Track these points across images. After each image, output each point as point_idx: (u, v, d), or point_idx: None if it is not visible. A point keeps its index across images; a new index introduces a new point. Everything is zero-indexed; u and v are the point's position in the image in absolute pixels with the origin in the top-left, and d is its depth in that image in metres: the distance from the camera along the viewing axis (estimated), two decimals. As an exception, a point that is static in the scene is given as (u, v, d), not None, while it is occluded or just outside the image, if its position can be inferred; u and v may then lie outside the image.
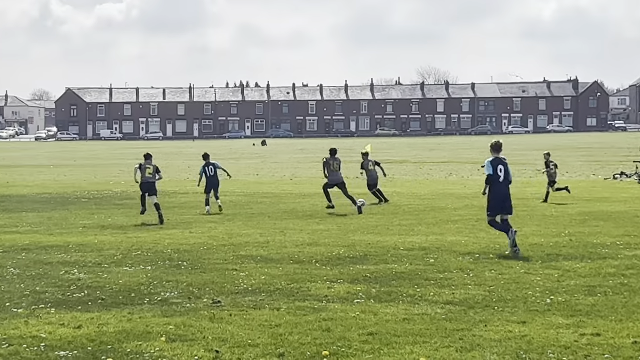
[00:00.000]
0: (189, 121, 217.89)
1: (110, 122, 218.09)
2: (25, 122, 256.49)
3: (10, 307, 13.23)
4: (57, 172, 67.37)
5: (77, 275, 16.46)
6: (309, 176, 58.98)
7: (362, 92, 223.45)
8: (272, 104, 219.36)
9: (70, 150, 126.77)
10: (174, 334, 11.35)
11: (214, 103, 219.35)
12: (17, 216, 29.76)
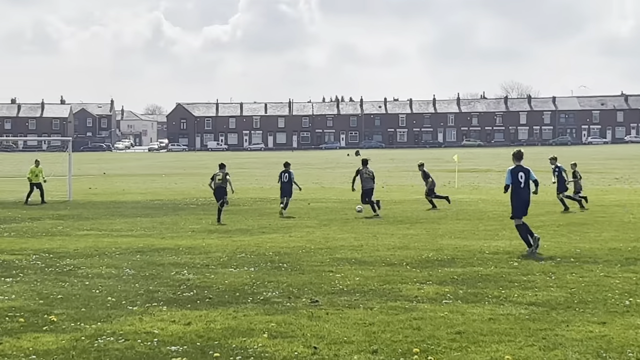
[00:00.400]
0: (288, 133, 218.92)
1: (217, 134, 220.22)
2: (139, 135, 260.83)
3: (126, 305, 13.41)
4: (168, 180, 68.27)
5: (186, 275, 16.62)
6: (399, 184, 58.76)
7: (449, 106, 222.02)
8: (365, 117, 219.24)
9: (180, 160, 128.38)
10: (276, 331, 11.37)
11: (312, 116, 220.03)
12: (132, 221, 30.21)
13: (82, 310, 12.89)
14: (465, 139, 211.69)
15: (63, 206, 38.34)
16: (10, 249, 21.23)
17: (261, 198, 40.55)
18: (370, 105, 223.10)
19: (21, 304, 13.52)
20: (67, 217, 32.11)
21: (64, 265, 18.18)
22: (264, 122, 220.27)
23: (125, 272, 17.09)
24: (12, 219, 30.91)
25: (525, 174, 19.83)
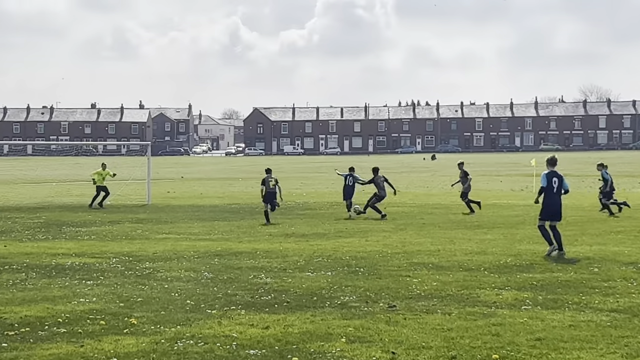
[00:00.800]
0: (364, 137, 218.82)
1: (293, 138, 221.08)
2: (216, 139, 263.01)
3: (205, 309, 13.50)
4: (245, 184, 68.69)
5: (264, 279, 16.69)
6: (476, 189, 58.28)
7: (527, 110, 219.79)
8: (442, 121, 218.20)
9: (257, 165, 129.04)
10: (354, 335, 11.35)
11: (388, 121, 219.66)
12: (210, 225, 30.45)
13: (162, 314, 13.02)
14: (543, 143, 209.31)
15: (142, 210, 38.81)
16: (91, 252, 21.56)
17: (337, 202, 40.53)
18: (447, 109, 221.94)
19: (102, 306, 13.70)
20: (146, 220, 32.50)
21: (144, 269, 18.39)
22: (340, 127, 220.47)
23: (204, 276, 17.22)
24: (93, 223, 31.39)
25: (559, 180, 20.28)
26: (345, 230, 27.70)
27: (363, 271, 17.70)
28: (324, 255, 20.48)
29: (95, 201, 40.55)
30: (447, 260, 19.44)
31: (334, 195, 47.31)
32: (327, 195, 49.72)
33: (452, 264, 18.66)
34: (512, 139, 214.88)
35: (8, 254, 21.17)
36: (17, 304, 13.97)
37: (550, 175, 20.30)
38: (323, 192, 54.93)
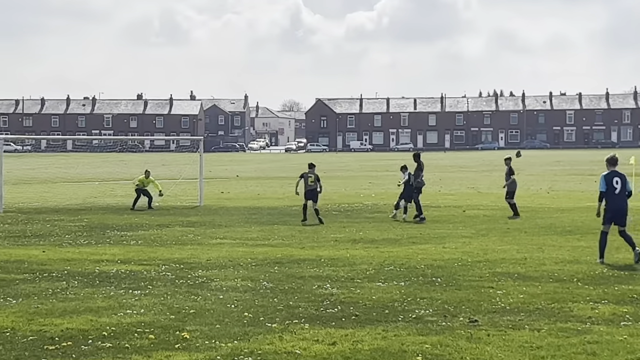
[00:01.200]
0: (440, 132, 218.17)
1: (360, 133, 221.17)
2: (275, 134, 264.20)
3: (265, 322, 13.56)
4: (307, 184, 68.83)
5: (329, 290, 16.72)
6: (567, 190, 57.84)
7: (625, 101, 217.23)
8: (528, 113, 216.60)
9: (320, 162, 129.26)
10: (431, 353, 11.33)
11: (467, 113, 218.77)
12: (269, 229, 30.59)
13: (217, 327, 13.12)
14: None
15: (194, 212, 39.14)
16: (138, 259, 21.80)
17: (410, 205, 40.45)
18: (533, 100, 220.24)
19: (151, 319, 13.84)
20: (198, 224, 32.77)
21: (196, 277, 18.54)
22: (413, 120, 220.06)
23: (263, 285, 17.30)
24: (140, 226, 31.73)
25: (621, 180, 20.41)
26: (420, 235, 27.64)
27: (440, 281, 17.66)
28: (396, 264, 20.47)
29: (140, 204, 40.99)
30: (534, 269, 19.31)
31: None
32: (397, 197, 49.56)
33: (541, 274, 18.54)
34: (607, 134, 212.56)
35: (47, 260, 21.49)
36: (57, 315, 14.17)
37: (610, 177, 20.41)
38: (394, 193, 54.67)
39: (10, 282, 17.95)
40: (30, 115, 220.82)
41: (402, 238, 26.98)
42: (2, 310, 14.61)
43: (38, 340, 12.28)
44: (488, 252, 22.84)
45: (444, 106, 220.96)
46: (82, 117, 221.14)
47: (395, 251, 23.21)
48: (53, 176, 77.49)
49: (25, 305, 15.19)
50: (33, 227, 31.40)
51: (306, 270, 19.60)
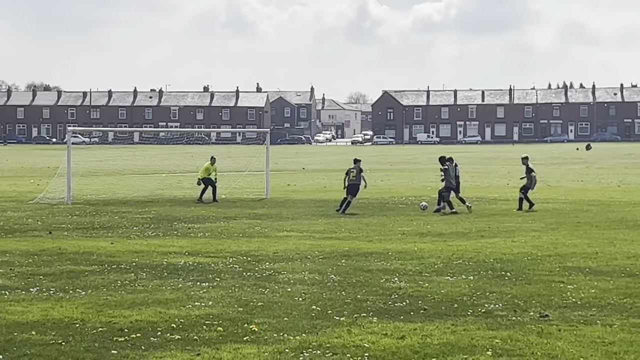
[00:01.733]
0: (508, 124, 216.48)
1: (427, 125, 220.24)
2: (341, 126, 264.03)
3: (333, 315, 13.60)
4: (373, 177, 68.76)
5: (397, 283, 16.72)
6: (639, 183, 57.13)
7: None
8: (598, 105, 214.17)
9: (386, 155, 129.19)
10: (501, 348, 11.28)
11: (535, 105, 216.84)
12: (335, 222, 30.62)
13: (285, 320, 13.18)
14: None
15: (260, 204, 39.29)
16: (206, 251, 21.94)
17: (478, 197, 40.31)
18: (604, 92, 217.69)
19: (219, 311, 13.94)
20: (264, 216, 32.89)
21: (264, 270, 18.64)
22: (481, 112, 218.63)
23: (330, 279, 17.35)
24: (207, 218, 31.93)
25: None
26: (488, 229, 27.51)
27: (510, 276, 17.58)
28: (464, 257, 20.41)
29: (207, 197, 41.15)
30: (606, 264, 19.15)
31: (474, 190, 47.03)
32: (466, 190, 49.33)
33: (613, 269, 18.38)
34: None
35: (115, 252, 21.73)
36: (126, 307, 14.33)
37: None
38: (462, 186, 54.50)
39: (79, 273, 18.18)
40: (97, 107, 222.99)
41: (471, 232, 26.86)
42: (72, 302, 14.81)
43: (107, 332, 12.43)
44: (558, 246, 22.68)
45: (513, 98, 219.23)
46: (149, 109, 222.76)
47: (464, 245, 23.13)
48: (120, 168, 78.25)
49: (94, 296, 15.38)
50: (101, 219, 31.73)
51: (374, 263, 19.62)
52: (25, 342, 11.84)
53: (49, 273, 18.21)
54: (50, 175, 50.57)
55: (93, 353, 11.20)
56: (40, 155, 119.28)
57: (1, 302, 14.88)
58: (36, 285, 16.68)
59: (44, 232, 26.97)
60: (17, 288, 16.34)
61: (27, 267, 19.16)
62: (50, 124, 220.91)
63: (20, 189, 50.64)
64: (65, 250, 22.10)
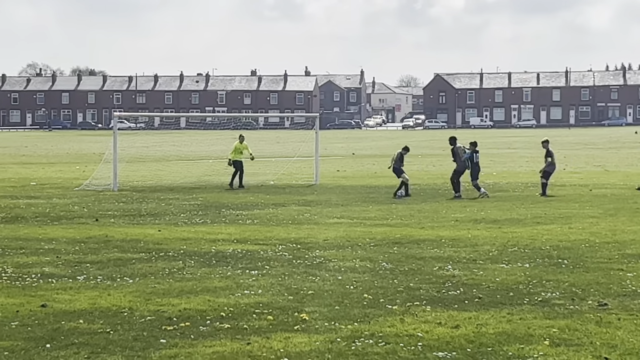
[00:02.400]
0: (564, 107, 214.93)
1: (481, 109, 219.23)
2: (392, 110, 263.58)
3: (385, 304, 13.61)
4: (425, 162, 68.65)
5: (451, 271, 16.70)
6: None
7: None
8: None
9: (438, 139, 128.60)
10: (558, 337, 11.24)
11: (593, 88, 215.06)
12: (386, 208, 30.59)
13: (336, 309, 13.21)
14: None
15: (309, 190, 39.33)
16: (255, 239, 22.02)
17: (534, 183, 40.04)
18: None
19: (269, 299, 14.00)
20: (314, 203, 32.92)
21: (314, 257, 18.68)
22: (536, 95, 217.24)
23: (382, 266, 17.36)
24: (255, 205, 32.01)
25: None
26: (544, 215, 27.36)
27: (567, 263, 17.49)
28: (520, 245, 20.33)
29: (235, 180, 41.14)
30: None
31: (529, 175, 46.73)
32: (521, 175, 49.17)
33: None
34: None
35: (163, 240, 21.86)
36: (175, 295, 14.43)
37: None
38: (516, 171, 54.36)
39: (126, 261, 18.32)
40: (143, 92, 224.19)
41: (526, 218, 26.73)
42: (119, 290, 14.94)
43: (156, 321, 12.52)
44: (617, 232, 22.52)
45: (569, 80, 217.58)
46: (195, 94, 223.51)
47: (519, 232, 23.01)
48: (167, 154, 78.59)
49: (142, 284, 15.50)
50: (148, 206, 31.92)
51: (426, 251, 19.60)
52: (73, 330, 11.97)
53: (95, 261, 18.38)
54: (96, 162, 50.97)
55: (142, 342, 11.30)
56: (85, 141, 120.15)
57: (48, 290, 15.04)
58: (83, 273, 16.84)
59: (90, 219, 27.20)
60: (64, 276, 16.51)
61: (73, 254, 19.35)
62: (96, 109, 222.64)
63: (66, 176, 51.06)
64: (112, 237, 22.28)
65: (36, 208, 30.96)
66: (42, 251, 19.82)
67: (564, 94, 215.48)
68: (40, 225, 25.48)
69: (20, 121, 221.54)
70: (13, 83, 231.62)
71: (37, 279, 16.13)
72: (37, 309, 13.37)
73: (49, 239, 22.04)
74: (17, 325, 12.32)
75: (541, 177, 35.64)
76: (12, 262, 18.11)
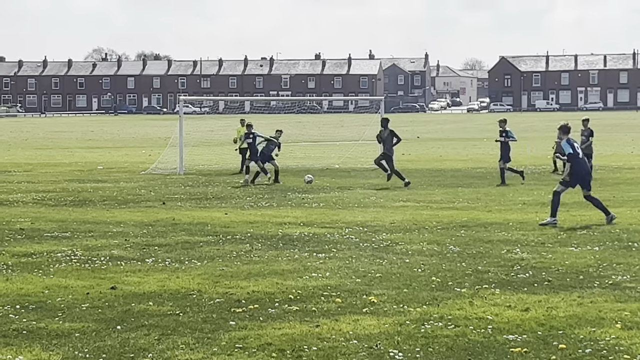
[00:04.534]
0: (632, 90, 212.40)
1: (546, 92, 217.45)
2: (457, 93, 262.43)
3: (453, 287, 13.58)
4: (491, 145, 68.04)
5: (519, 254, 16.60)
6: None
7: None
8: None
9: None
10: (630, 320, 11.15)
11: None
12: (453, 191, 30.48)
13: (404, 291, 13.19)
14: None
15: (374, 174, 39.20)
16: (321, 222, 22.04)
17: (602, 166, 39.67)
18: None
19: (337, 282, 14.02)
20: (379, 186, 32.85)
21: (380, 240, 18.66)
22: (603, 78, 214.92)
23: (449, 249, 17.31)
24: (321, 189, 32.02)
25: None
26: (613, 198, 27.05)
27: (637, 246, 17.34)
28: (589, 228, 20.21)
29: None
30: None
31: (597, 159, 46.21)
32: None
33: None
34: None
35: (230, 223, 21.95)
36: (243, 278, 14.50)
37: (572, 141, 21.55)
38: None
39: (194, 244, 18.43)
40: (208, 77, 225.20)
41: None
42: (188, 273, 15.04)
43: (225, 303, 12.59)
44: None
45: (637, 63, 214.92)
46: (259, 78, 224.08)
47: (588, 215, 22.78)
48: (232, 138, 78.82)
49: (210, 267, 15.58)
50: (214, 190, 32.08)
51: (494, 234, 19.49)
52: (143, 312, 12.07)
53: (163, 244, 18.51)
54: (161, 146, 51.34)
55: (211, 324, 11.36)
56: (151, 126, 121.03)
57: (117, 273, 15.18)
58: (151, 256, 16.97)
59: (157, 203, 27.40)
60: (133, 259, 16.65)
61: (141, 237, 19.50)
62: (161, 94, 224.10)
63: (132, 159, 51.51)
64: (179, 220, 22.42)
65: (103, 192, 31.28)
66: (110, 234, 20.01)
67: (632, 76, 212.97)
68: (108, 209, 25.73)
69: (86, 106, 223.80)
70: (79, 68, 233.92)
71: (106, 262, 16.29)
72: (107, 291, 13.50)
73: (117, 222, 22.25)
74: (87, 307, 12.45)
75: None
76: (82, 245, 18.31)
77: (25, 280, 14.50)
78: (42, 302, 12.82)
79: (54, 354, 10.10)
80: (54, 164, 48.24)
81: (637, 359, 9.50)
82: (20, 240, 19.09)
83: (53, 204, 27.47)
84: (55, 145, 72.34)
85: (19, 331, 11.14)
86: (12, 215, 23.82)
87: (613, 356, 9.65)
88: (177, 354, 9.98)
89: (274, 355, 9.88)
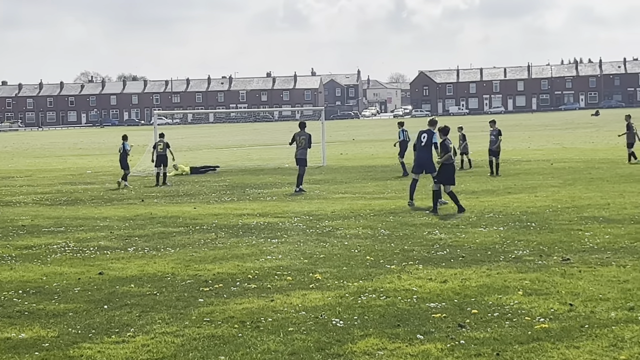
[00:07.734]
0: (527, 96, 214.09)
1: (458, 99, 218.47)
2: (384, 102, 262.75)
3: (384, 264, 13.55)
4: (413, 144, 68.35)
5: (438, 235, 16.62)
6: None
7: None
8: (605, 77, 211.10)
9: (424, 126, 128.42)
10: (530, 288, 11.18)
11: (550, 79, 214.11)
12: (383, 184, 30.50)
13: (344, 269, 13.15)
14: None
15: (318, 171, 39.19)
16: (274, 212, 21.93)
17: (504, 160, 39.88)
18: (609, 66, 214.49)
19: (288, 263, 13.94)
20: (322, 181, 32.80)
21: (324, 227, 18.59)
22: (504, 86, 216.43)
23: (381, 233, 17.28)
24: (273, 185, 31.91)
25: (428, 136, 22.58)
26: (514, 186, 27.23)
27: (535, 226, 17.40)
28: (494, 211, 20.24)
29: None
30: (617, 213, 18.89)
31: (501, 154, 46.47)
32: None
33: (623, 217, 18.14)
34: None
35: (198, 215, 21.79)
36: (209, 262, 14.37)
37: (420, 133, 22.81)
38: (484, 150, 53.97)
39: (168, 234, 18.26)
40: (177, 93, 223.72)
41: (499, 189, 26.61)
42: (163, 259, 14.89)
43: (194, 283, 12.47)
44: (575, 199, 22.39)
45: (531, 73, 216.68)
46: (221, 94, 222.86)
47: (494, 200, 22.91)
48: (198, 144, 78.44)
49: (182, 253, 15.44)
50: (184, 188, 31.85)
51: (417, 218, 19.51)
52: (126, 293, 11.92)
53: (143, 235, 18.32)
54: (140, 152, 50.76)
55: (183, 302, 11.25)
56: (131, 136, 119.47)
57: (104, 260, 14.99)
58: (133, 245, 16.79)
59: (137, 200, 27.14)
60: (117, 248, 16.46)
61: (124, 230, 19.29)
62: (139, 109, 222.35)
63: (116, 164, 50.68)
64: (156, 215, 22.21)
65: (92, 192, 30.94)
66: (98, 228, 19.78)
67: (527, 85, 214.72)
68: (96, 207, 25.44)
69: (76, 120, 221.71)
70: (69, 88, 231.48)
71: (95, 251, 16.09)
72: (95, 276, 13.32)
73: (103, 217, 21.99)
74: (79, 290, 12.28)
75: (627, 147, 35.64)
76: (74, 238, 18.07)
77: (27, 268, 14.28)
78: (41, 287, 12.63)
79: (52, 330, 9.94)
80: (50, 169, 47.62)
81: (536, 320, 9.52)
82: (22, 235, 18.80)
83: (49, 203, 27.11)
84: (51, 154, 71.41)
85: (21, 312, 10.96)
86: (15, 214, 23.47)
87: (517, 318, 9.67)
88: (155, 327, 9.86)
89: (236, 326, 9.78)
